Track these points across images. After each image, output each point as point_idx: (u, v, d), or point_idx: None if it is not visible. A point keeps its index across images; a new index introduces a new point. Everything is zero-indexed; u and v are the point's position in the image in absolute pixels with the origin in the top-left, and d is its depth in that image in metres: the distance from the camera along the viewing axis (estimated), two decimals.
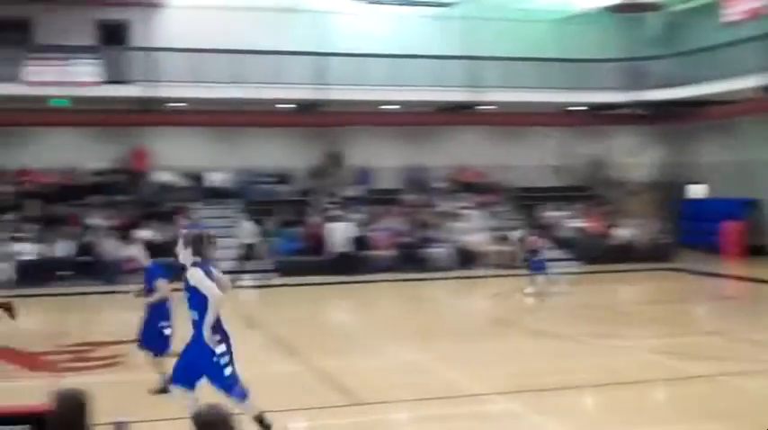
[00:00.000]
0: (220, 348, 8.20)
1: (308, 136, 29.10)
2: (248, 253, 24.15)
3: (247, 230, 24.53)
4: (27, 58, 24.84)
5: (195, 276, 8.12)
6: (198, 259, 8.28)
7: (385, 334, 16.05)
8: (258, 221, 26.40)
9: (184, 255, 8.36)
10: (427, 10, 29.96)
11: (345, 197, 28.35)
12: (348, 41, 27.58)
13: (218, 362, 8.11)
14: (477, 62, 28.22)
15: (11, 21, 27.18)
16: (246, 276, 23.31)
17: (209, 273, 8.20)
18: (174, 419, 8.28)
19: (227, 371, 8.19)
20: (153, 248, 11.67)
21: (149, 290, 11.01)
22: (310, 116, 28.29)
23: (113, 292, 21.92)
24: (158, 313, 10.97)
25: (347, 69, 26.72)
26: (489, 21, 29.10)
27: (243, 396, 8.20)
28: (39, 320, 18.92)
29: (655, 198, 30.13)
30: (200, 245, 8.43)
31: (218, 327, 8.25)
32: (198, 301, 8.15)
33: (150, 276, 11.03)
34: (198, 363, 8.13)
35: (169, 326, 10.90)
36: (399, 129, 29.78)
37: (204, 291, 8.07)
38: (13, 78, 24.58)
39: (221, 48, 25.53)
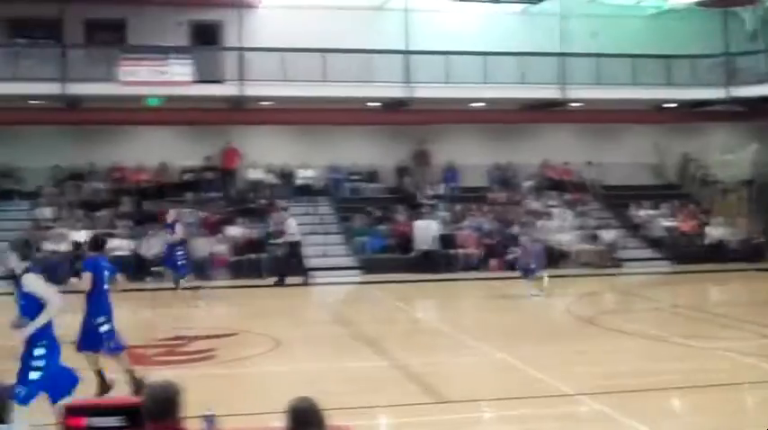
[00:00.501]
0: (38, 351, 8.04)
1: (396, 134, 29.16)
2: (294, 250, 24.28)
3: (293, 228, 24.64)
4: (122, 59, 25.44)
5: (31, 282, 7.98)
6: (28, 264, 8.18)
7: (470, 332, 15.98)
8: (346, 219, 26.68)
9: (13, 260, 8.29)
10: (515, 6, 29.74)
11: (432, 195, 28.34)
12: (435, 39, 27.52)
13: (30, 366, 7.96)
14: (567, 59, 27.91)
15: (107, 22, 27.94)
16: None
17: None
18: (262, 413, 8.39)
19: (34, 375, 7.97)
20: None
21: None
22: (398, 114, 28.34)
23: (203, 287, 22.33)
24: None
25: (434, 67, 26.70)
26: (579, 17, 28.74)
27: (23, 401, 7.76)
28: (132, 315, 19.37)
29: (749, 197, 29.41)
30: (27, 249, 8.48)
31: (47, 334, 8.13)
32: (31, 308, 8.03)
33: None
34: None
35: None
36: (486, 127, 29.62)
37: (45, 296, 7.96)
38: (108, 78, 25.23)
39: (310, 47, 25.74)
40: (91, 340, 10.49)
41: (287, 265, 23.74)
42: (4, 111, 25.56)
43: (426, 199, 27.95)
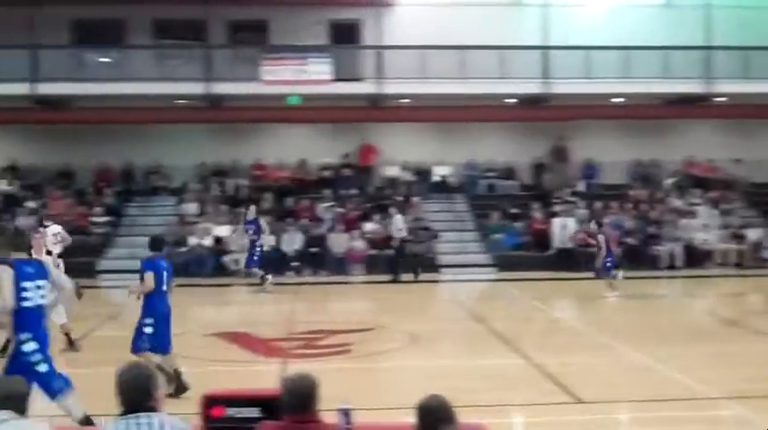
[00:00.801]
0: (29, 346, 7.88)
1: (533, 130, 28.88)
2: (401, 247, 24.25)
3: (399, 224, 24.45)
4: (264, 58, 26.08)
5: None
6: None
7: (608, 332, 15.71)
8: (481, 216, 26.63)
9: None
10: None
11: (570, 192, 27.96)
12: (574, 33, 27.11)
13: (29, 361, 7.81)
14: (711, 52, 27.04)
15: (250, 23, 28.70)
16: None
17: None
18: (396, 408, 8.47)
19: (42, 368, 7.90)
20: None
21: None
22: (535, 110, 28.08)
23: (342, 283, 22.70)
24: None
25: (572, 62, 26.31)
26: (724, 8, 27.76)
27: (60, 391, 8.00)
28: (272, 308, 19.86)
29: None
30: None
31: (34, 325, 7.95)
32: None
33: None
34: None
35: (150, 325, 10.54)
36: (627, 123, 28.98)
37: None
38: (251, 78, 25.92)
39: (448, 44, 25.77)
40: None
41: (397, 263, 23.88)
42: (152, 110, 26.60)
43: (564, 196, 27.59)
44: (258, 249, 21.83)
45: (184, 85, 25.96)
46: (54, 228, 16.92)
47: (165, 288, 10.71)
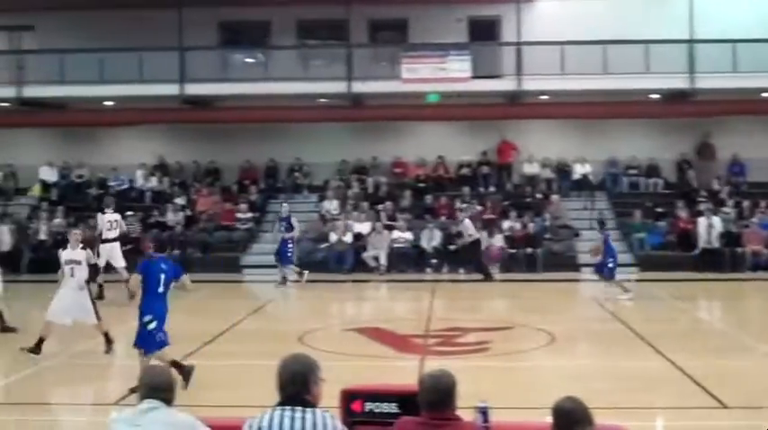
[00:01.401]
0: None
1: (677, 126, 28.08)
2: (473, 249, 23.94)
3: (468, 226, 23.99)
4: (404, 57, 26.29)
5: None
6: None
7: (756, 335, 15.19)
8: (623, 214, 26.13)
9: None
10: None
11: (716, 190, 27.09)
12: (721, 26, 26.18)
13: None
14: None
15: (390, 22, 28.99)
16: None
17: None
18: (533, 408, 8.44)
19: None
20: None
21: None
22: (680, 106, 27.31)
23: (480, 281, 22.67)
24: None
25: (719, 55, 25.45)
26: None
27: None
28: (410, 305, 20.03)
29: None
30: None
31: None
32: None
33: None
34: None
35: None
36: None
37: None
38: (391, 76, 26.19)
39: (589, 39, 25.37)
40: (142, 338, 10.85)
41: (470, 263, 23.75)
42: (295, 109, 27.20)
43: (710, 194, 26.75)
44: (290, 245, 22.37)
45: (326, 85, 26.44)
46: (111, 216, 17.94)
47: (161, 289, 10.90)
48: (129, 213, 25.16)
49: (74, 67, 26.93)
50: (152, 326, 10.71)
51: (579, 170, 28.17)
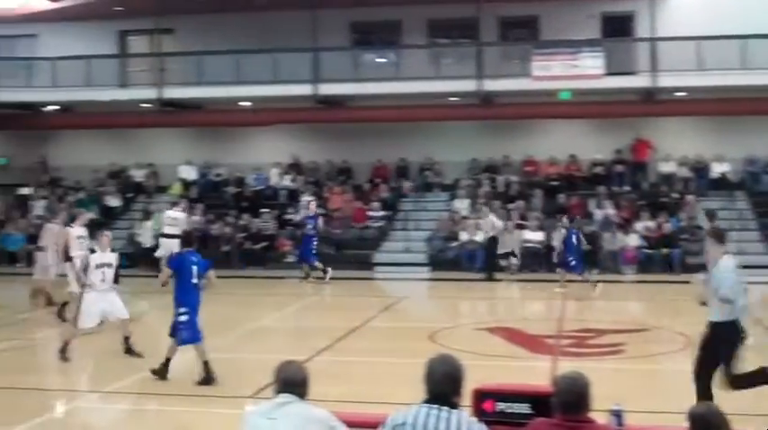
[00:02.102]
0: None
1: None
2: (491, 245, 23.38)
3: (490, 223, 23.57)
4: (535, 54, 26.04)
5: None
6: None
7: None
8: (764, 215, 25.19)
9: None
10: None
11: None
12: None
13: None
14: None
15: (520, 19, 28.76)
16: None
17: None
18: (668, 413, 8.24)
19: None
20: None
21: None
22: None
23: (614, 281, 22.26)
24: None
25: None
26: None
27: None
28: (541, 305, 19.83)
29: None
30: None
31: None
32: None
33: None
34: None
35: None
36: None
37: None
38: (521, 74, 25.98)
39: (728, 33, 24.55)
40: (173, 330, 11.21)
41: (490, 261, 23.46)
42: (426, 108, 27.27)
43: None
44: (315, 243, 22.58)
45: (457, 83, 26.44)
46: (174, 214, 18.69)
47: (195, 281, 11.22)
48: (264, 211, 25.74)
49: (211, 69, 27.79)
50: (184, 318, 11.09)
51: (717, 169, 27.27)
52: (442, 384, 4.69)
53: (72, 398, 10.48)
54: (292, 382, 5.05)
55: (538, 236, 24.80)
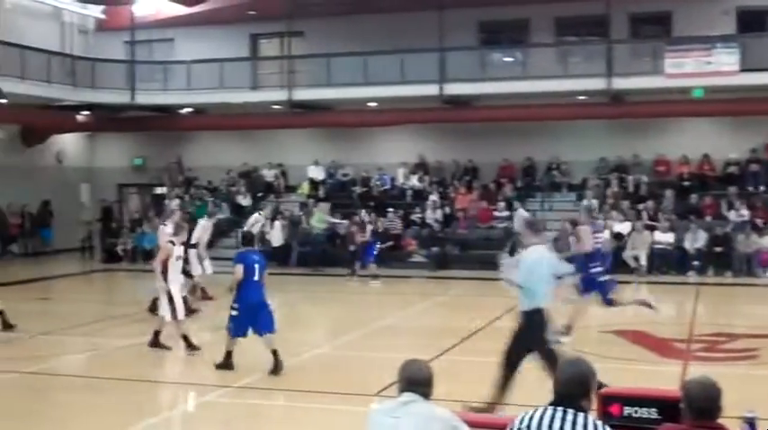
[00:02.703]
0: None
1: None
2: (515, 243, 22.44)
3: (520, 220, 22.82)
4: (667, 51, 25.43)
5: None
6: None
7: None
8: None
9: None
10: None
11: None
12: None
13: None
14: None
15: (652, 15, 28.18)
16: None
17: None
18: None
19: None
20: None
21: None
22: None
23: (748, 285, 21.57)
24: None
25: None
26: None
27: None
28: (672, 308, 19.36)
29: None
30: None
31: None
32: None
33: None
34: None
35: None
36: None
37: None
38: (653, 71, 25.42)
39: None
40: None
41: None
42: (553, 107, 26.98)
43: None
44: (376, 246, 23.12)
45: (585, 81, 26.06)
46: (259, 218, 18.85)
47: (256, 278, 11.75)
48: (390, 211, 25.93)
49: (339, 70, 28.17)
50: (234, 313, 11.68)
51: None
52: (571, 386, 4.64)
53: (203, 392, 10.79)
54: (416, 381, 5.08)
55: (668, 237, 24.22)
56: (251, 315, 11.71)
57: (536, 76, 26.47)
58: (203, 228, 18.57)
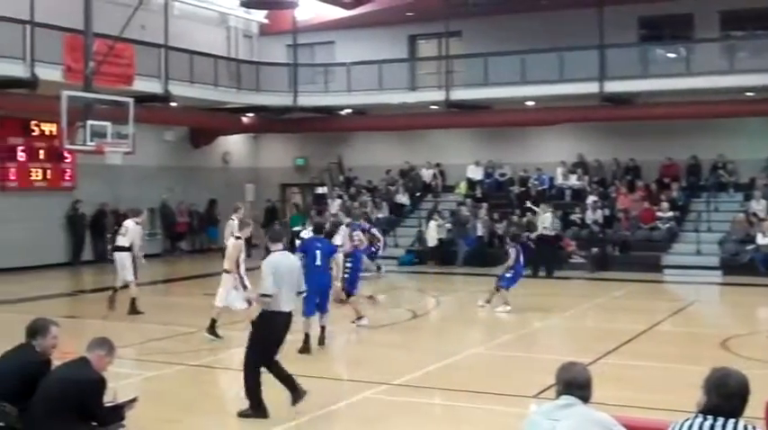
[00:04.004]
0: None
1: None
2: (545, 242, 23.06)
3: (548, 220, 23.97)
4: None
5: None
6: None
7: None
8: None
9: None
10: None
11: None
12: None
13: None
14: None
15: None
16: None
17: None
18: None
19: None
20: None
21: None
22: None
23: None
24: None
25: None
26: None
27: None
28: None
29: None
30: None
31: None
32: None
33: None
34: None
35: None
36: None
37: None
38: None
39: None
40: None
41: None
42: (719, 103, 26.13)
43: None
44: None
45: (753, 77, 25.02)
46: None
47: (318, 263, 13.11)
48: (548, 210, 25.67)
49: (497, 69, 28.09)
50: (304, 295, 12.03)
51: None
52: (727, 397, 4.55)
53: (361, 388, 10.99)
54: (575, 384, 5.06)
55: None
56: (317, 295, 13.00)
57: (701, 73, 25.68)
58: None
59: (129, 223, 17.01)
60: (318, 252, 13.16)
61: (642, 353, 13.36)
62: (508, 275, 17.82)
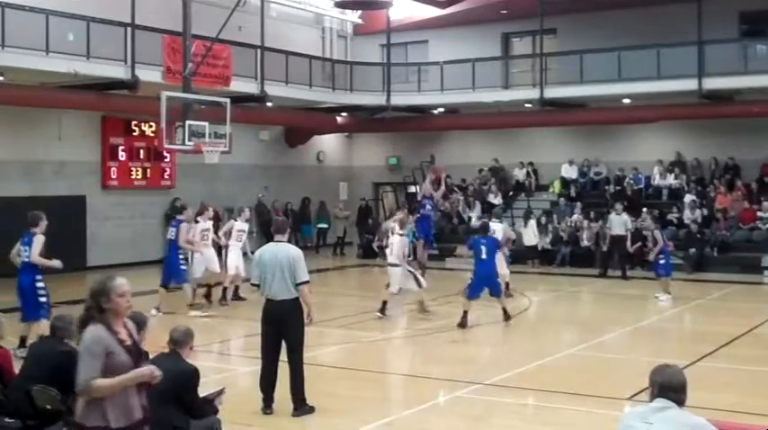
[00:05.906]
0: None
1: None
2: (618, 243, 23.36)
3: (620, 222, 23.70)
4: None
5: None
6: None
7: None
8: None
9: None
10: None
11: None
12: None
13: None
14: None
15: None
16: None
17: None
18: None
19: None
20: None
21: None
22: None
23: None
24: None
25: None
26: None
27: None
28: None
29: None
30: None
31: None
32: None
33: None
34: None
35: None
36: None
37: None
38: None
39: None
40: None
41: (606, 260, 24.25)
42: None
43: None
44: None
45: None
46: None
47: (483, 256, 15.49)
48: (644, 210, 25.27)
49: (592, 67, 27.73)
50: (469, 281, 15.65)
51: None
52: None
53: (455, 387, 11.03)
54: (669, 387, 5.02)
55: None
56: (482, 283, 15.53)
57: None
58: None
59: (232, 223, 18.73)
60: (483, 247, 15.57)
61: (741, 357, 13.10)
62: (662, 262, 18.95)
